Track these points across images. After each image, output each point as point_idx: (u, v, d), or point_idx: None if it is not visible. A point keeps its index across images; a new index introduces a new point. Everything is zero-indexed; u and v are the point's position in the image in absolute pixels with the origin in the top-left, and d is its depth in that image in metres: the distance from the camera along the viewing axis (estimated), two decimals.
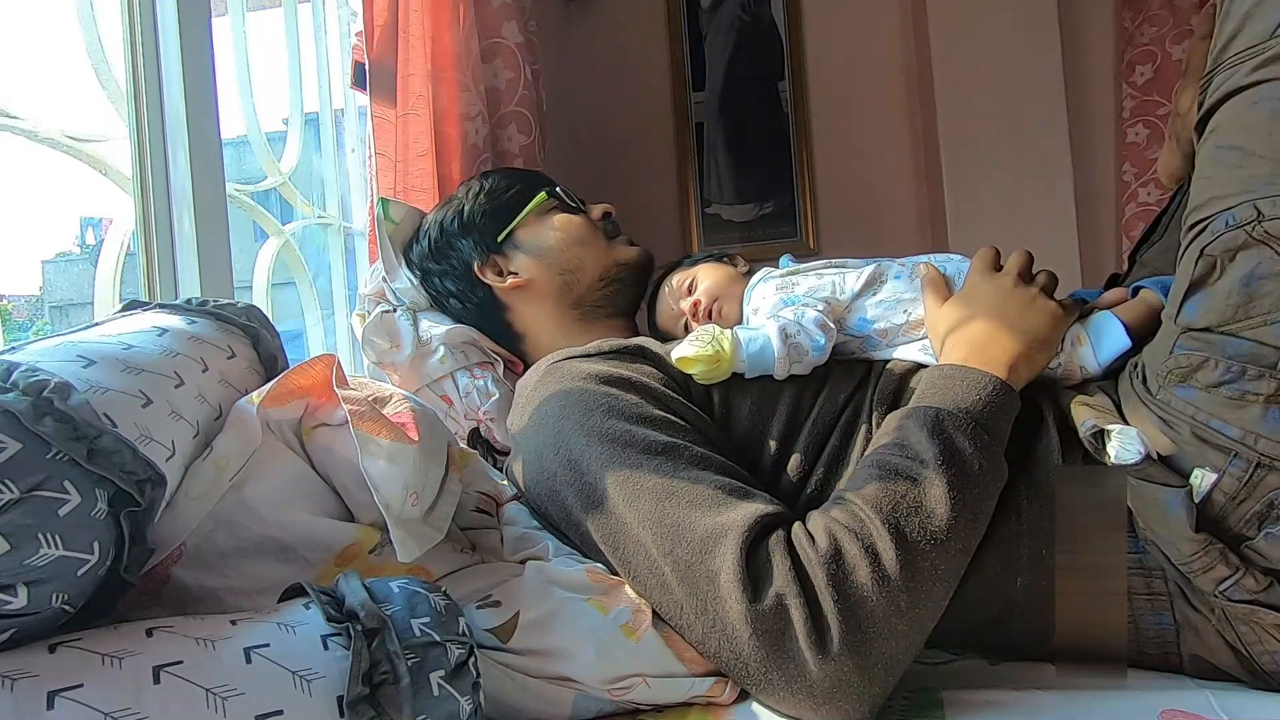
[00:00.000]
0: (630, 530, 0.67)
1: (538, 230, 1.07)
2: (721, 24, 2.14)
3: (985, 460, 0.66)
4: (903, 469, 0.65)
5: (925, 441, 0.66)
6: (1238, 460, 0.62)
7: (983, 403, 0.70)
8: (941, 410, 0.69)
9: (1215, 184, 0.65)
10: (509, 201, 1.08)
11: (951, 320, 0.80)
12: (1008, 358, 0.74)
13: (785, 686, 0.60)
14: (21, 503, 0.44)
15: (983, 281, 0.82)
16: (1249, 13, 0.63)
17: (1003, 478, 0.68)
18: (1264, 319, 0.61)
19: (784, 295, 0.89)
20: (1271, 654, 0.63)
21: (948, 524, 0.62)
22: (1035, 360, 0.76)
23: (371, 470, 0.63)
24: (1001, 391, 0.71)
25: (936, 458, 0.65)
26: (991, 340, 0.76)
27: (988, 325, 0.77)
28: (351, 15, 1.50)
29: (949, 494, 0.63)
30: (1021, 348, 0.75)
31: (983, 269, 0.84)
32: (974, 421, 0.68)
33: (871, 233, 2.06)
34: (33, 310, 2.21)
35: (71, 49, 0.98)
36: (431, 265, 1.10)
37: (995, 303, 0.79)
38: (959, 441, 0.66)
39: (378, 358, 1.10)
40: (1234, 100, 0.64)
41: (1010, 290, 0.80)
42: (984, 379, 0.72)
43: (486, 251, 1.06)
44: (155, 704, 0.43)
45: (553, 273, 1.05)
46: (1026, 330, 0.76)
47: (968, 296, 0.81)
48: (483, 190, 1.09)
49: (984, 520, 0.66)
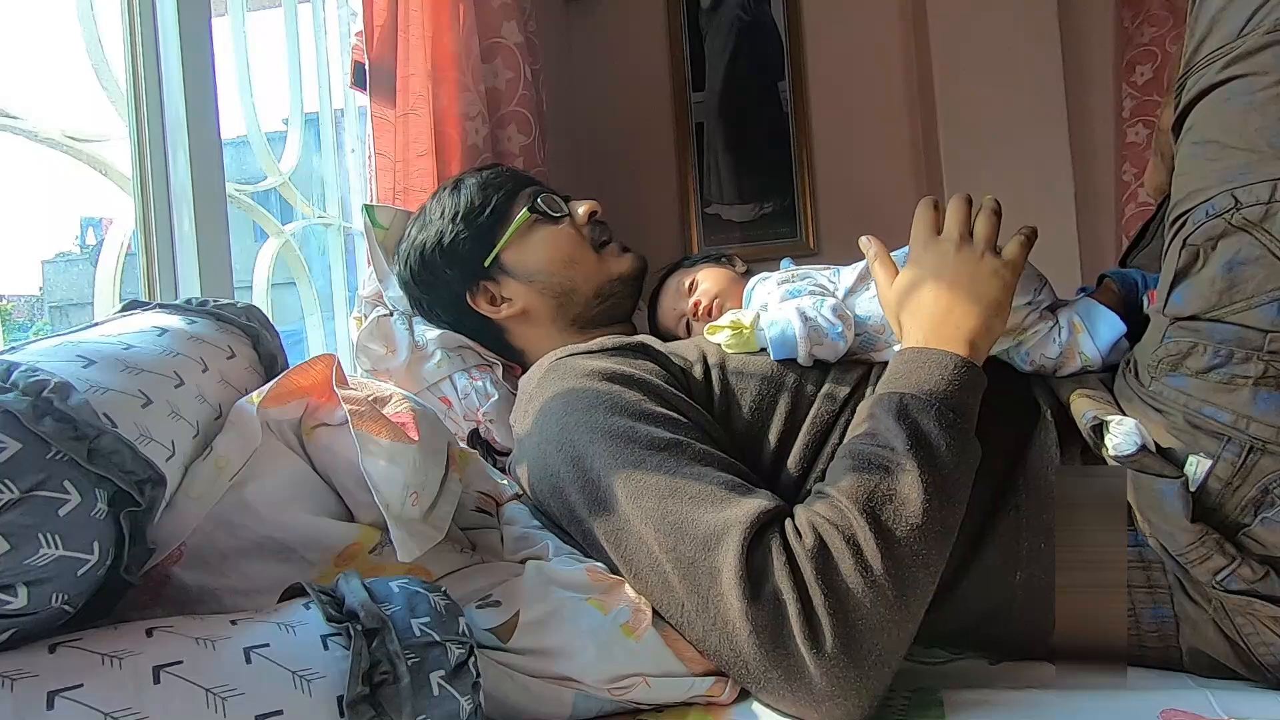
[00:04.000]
0: (632, 527, 0.67)
1: (524, 251, 1.03)
2: (721, 24, 2.14)
3: (953, 440, 0.66)
4: (874, 458, 0.66)
5: (893, 428, 0.67)
6: (1231, 445, 0.63)
7: (945, 382, 0.70)
8: (905, 394, 0.69)
9: (1194, 178, 0.66)
10: (489, 222, 1.02)
11: (900, 295, 0.79)
12: (965, 333, 0.74)
13: (785, 685, 0.60)
14: (21, 503, 0.44)
15: (925, 251, 0.80)
16: (1215, 16, 0.64)
17: (975, 455, 0.68)
18: (1247, 303, 0.62)
19: (788, 288, 0.90)
20: (1268, 646, 0.64)
21: (923, 509, 0.63)
22: (993, 328, 0.75)
23: (371, 470, 0.63)
24: (964, 369, 0.71)
25: (905, 443, 0.65)
26: (947, 315, 0.75)
27: (939, 300, 0.76)
28: (351, 15, 1.50)
29: (921, 478, 0.63)
30: (977, 319, 0.74)
31: (925, 235, 0.82)
32: (939, 403, 0.68)
33: (871, 233, 2.04)
34: (33, 310, 2.21)
35: (71, 49, 0.98)
36: (419, 294, 1.08)
37: (943, 273, 0.77)
38: (925, 425, 0.67)
39: (372, 365, 1.09)
40: (1207, 98, 0.65)
41: (955, 256, 0.78)
42: (945, 359, 0.72)
43: (475, 279, 1.03)
44: (155, 704, 0.43)
45: (546, 297, 1.03)
46: (979, 297, 0.75)
47: (913, 270, 0.79)
48: (459, 212, 1.03)
49: (962, 500, 0.66)
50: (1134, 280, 0.91)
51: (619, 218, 1.14)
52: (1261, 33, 0.61)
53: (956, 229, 0.80)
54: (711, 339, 0.87)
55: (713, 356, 0.85)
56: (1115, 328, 0.78)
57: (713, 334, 0.87)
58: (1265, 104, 0.61)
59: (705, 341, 0.89)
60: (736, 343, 0.85)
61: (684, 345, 0.89)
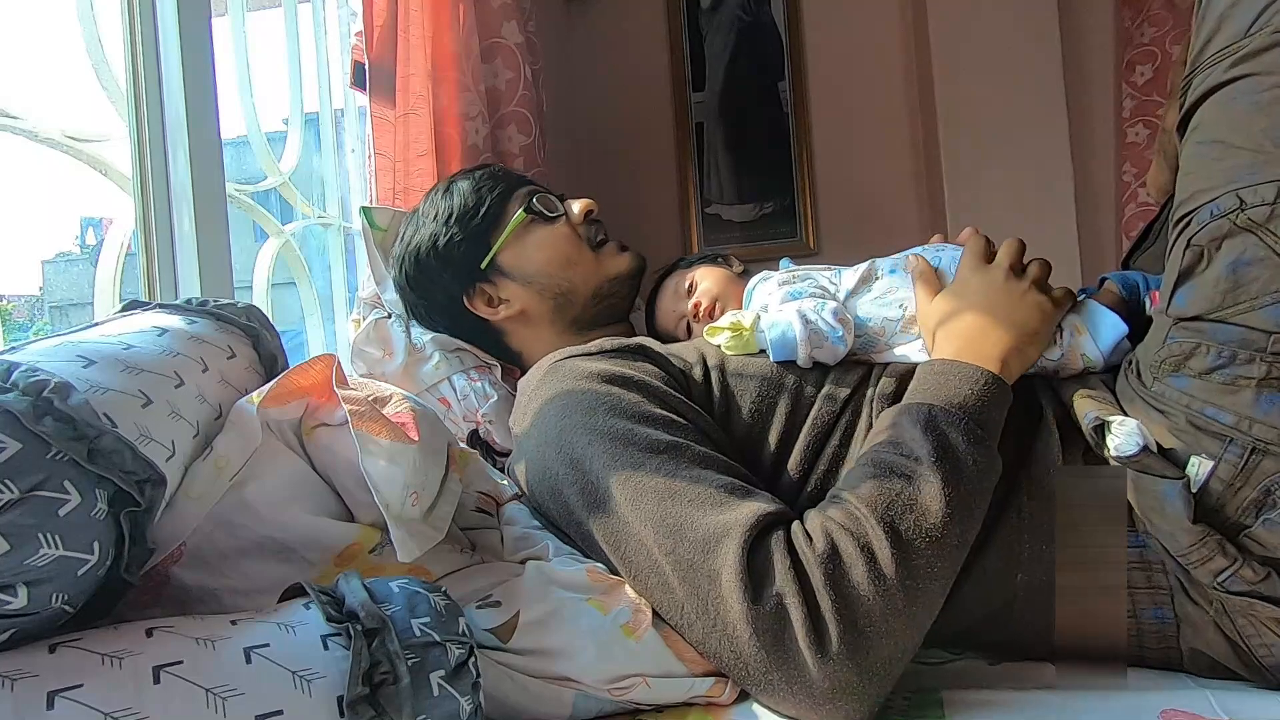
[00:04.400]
0: (632, 529, 0.67)
1: (521, 253, 1.02)
2: (721, 24, 2.14)
3: (979, 455, 0.67)
4: (897, 466, 0.65)
5: (919, 438, 0.66)
6: (1233, 446, 0.63)
7: (975, 397, 0.70)
8: (934, 406, 0.69)
9: (1199, 178, 0.66)
10: (484, 223, 1.02)
11: (942, 314, 0.80)
12: (999, 351, 0.75)
13: (786, 687, 0.60)
14: (21, 503, 0.44)
15: (973, 275, 0.82)
16: (1224, 14, 0.64)
17: (997, 471, 0.69)
18: (1251, 304, 0.62)
19: (789, 289, 0.90)
20: (1269, 647, 0.64)
21: (943, 521, 0.62)
22: (1027, 353, 0.77)
23: (371, 470, 0.63)
24: (994, 385, 0.72)
25: (930, 454, 0.65)
26: (983, 334, 0.76)
27: (979, 319, 0.77)
28: (351, 15, 1.50)
29: (944, 490, 0.63)
30: (1013, 341, 0.75)
31: (974, 262, 0.84)
32: (967, 416, 0.68)
33: (871, 233, 2.06)
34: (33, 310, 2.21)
35: (71, 49, 0.98)
36: (415, 299, 1.07)
37: (986, 296, 0.79)
38: (952, 437, 0.67)
39: (368, 369, 1.09)
40: (1213, 98, 0.65)
41: (1001, 284, 0.80)
42: (976, 373, 0.72)
43: (472, 281, 1.03)
44: (155, 704, 0.43)
45: (544, 298, 1.03)
46: (1017, 324, 0.77)
47: (959, 290, 0.81)
48: (453, 213, 1.02)
49: (979, 515, 0.66)
50: (1135, 282, 0.91)
51: (619, 218, 1.14)
52: (1268, 32, 0.61)
53: (1008, 260, 0.82)
54: (711, 340, 0.87)
55: (712, 358, 0.85)
56: (1117, 329, 0.78)
57: (713, 335, 0.87)
58: (1271, 104, 0.61)
59: (704, 343, 0.88)
60: (736, 344, 0.85)
61: (683, 347, 0.89)
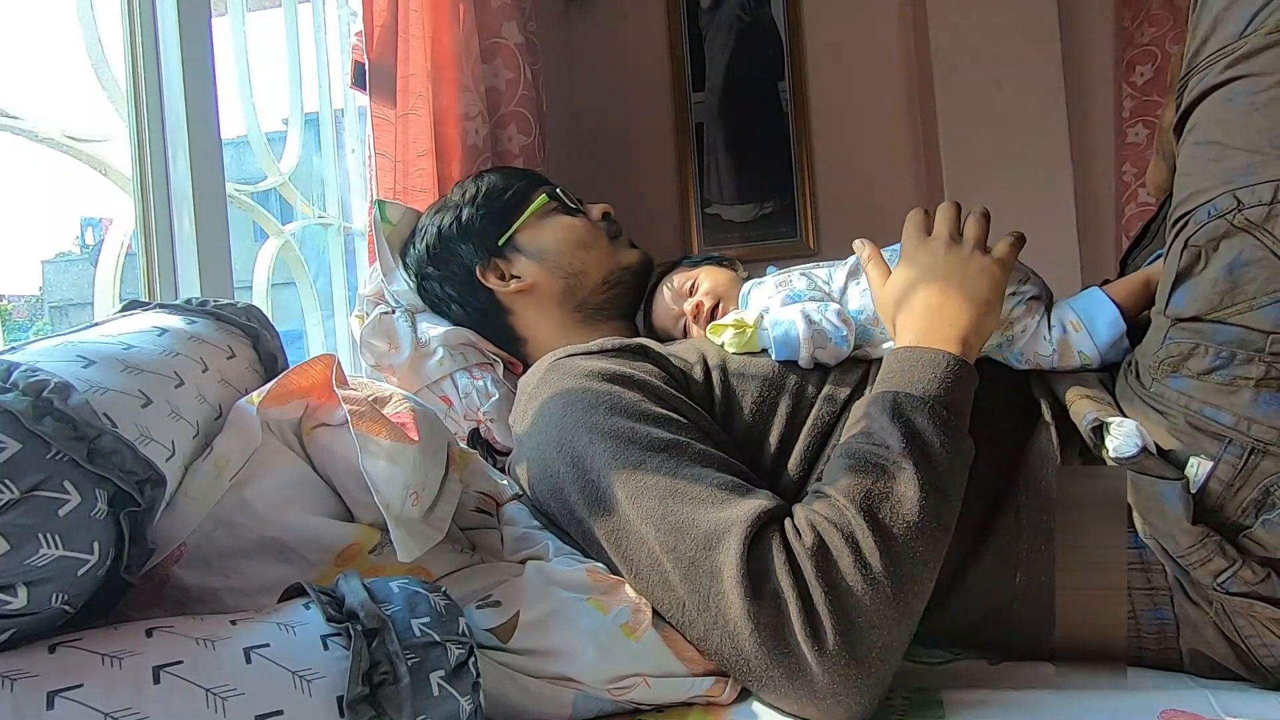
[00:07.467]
0: (633, 527, 0.68)
1: (539, 233, 1.06)
2: (721, 24, 2.14)
3: (947, 437, 0.67)
4: (870, 456, 0.66)
5: (888, 426, 0.67)
6: (1232, 446, 0.63)
7: (938, 381, 0.70)
8: (899, 393, 0.70)
9: (1196, 179, 0.66)
10: (508, 203, 1.07)
11: (894, 297, 0.80)
12: (957, 331, 0.75)
13: (786, 683, 0.60)
14: (21, 503, 0.44)
15: (916, 251, 0.82)
16: (1219, 16, 0.64)
17: (970, 451, 0.69)
18: (1249, 304, 0.62)
19: (786, 292, 0.90)
20: (1269, 648, 0.64)
21: (919, 506, 0.63)
22: (985, 325, 0.77)
23: (371, 470, 0.63)
24: (956, 366, 0.72)
25: (900, 442, 0.66)
26: (938, 314, 0.76)
27: (931, 298, 0.77)
28: (351, 15, 1.50)
29: (916, 476, 0.64)
30: (968, 317, 0.75)
31: (914, 237, 0.84)
32: (932, 400, 0.69)
33: (871, 233, 2.03)
34: (33, 310, 2.21)
35: (71, 49, 0.98)
36: (430, 270, 1.09)
37: (933, 273, 0.79)
38: (919, 423, 0.67)
39: (375, 360, 1.10)
40: (1209, 99, 0.65)
41: (944, 256, 0.80)
42: (937, 357, 0.72)
43: (488, 255, 1.06)
44: (155, 704, 0.43)
45: (556, 276, 1.05)
46: (969, 295, 0.77)
47: (906, 270, 0.81)
48: (480, 192, 1.08)
49: (956, 497, 0.67)
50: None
51: (619, 218, 1.14)
52: (1264, 33, 0.61)
53: (945, 229, 0.82)
54: (715, 339, 0.87)
55: (713, 358, 0.85)
56: (1115, 326, 0.78)
57: (716, 334, 0.87)
58: (1267, 105, 0.61)
59: (704, 343, 0.89)
60: (739, 342, 0.85)
61: (683, 347, 0.89)
